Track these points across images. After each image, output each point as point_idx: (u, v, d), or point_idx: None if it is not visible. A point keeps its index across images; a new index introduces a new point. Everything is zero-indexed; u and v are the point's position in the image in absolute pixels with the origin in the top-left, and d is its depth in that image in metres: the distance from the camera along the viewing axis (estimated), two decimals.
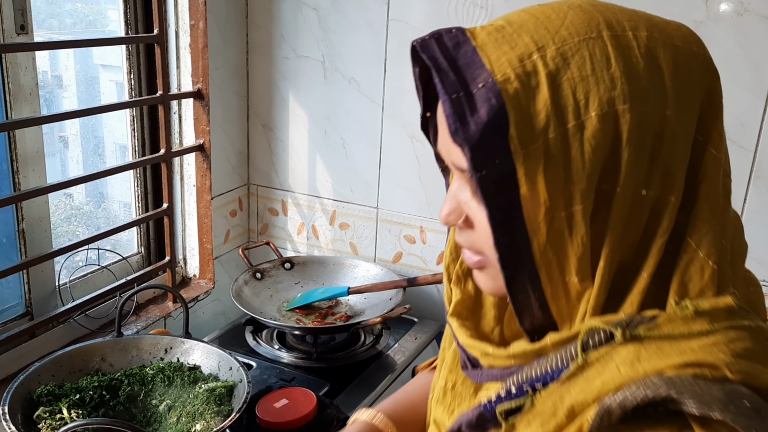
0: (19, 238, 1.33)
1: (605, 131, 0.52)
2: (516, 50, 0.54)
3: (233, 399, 1.12)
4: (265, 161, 1.81)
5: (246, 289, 1.59)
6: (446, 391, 0.71)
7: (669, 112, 0.53)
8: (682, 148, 0.54)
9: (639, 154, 0.53)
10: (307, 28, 1.66)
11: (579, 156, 0.52)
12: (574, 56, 0.53)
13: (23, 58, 1.26)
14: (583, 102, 0.53)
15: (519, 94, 0.53)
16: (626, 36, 0.54)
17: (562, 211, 0.53)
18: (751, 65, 1.30)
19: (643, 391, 0.48)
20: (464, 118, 0.53)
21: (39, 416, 1.03)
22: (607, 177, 0.53)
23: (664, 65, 0.54)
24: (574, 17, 0.55)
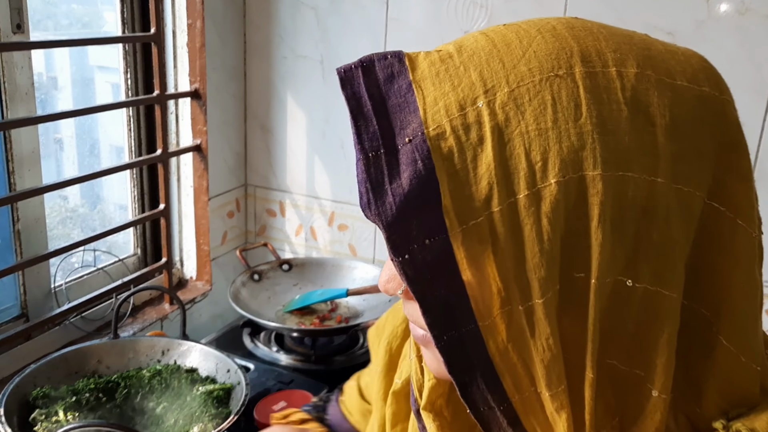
0: (15, 240, 1.31)
1: (569, 204, 0.40)
2: (458, 91, 0.41)
3: (231, 401, 1.11)
4: (263, 162, 1.80)
5: (244, 290, 1.58)
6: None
7: (661, 179, 0.40)
8: (680, 226, 0.41)
9: (617, 236, 0.40)
10: (306, 29, 1.65)
11: (534, 236, 0.40)
12: (532, 102, 0.40)
13: (19, 57, 1.25)
14: (540, 165, 0.40)
15: (454, 154, 0.40)
16: (607, 74, 0.41)
17: (519, 304, 0.41)
18: (753, 66, 1.30)
19: None
20: (381, 186, 0.41)
21: (35, 418, 1.02)
22: (578, 263, 0.40)
23: (656, 115, 0.41)
24: (540, 45, 0.42)
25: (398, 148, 0.42)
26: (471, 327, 0.42)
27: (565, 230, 0.40)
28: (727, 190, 0.42)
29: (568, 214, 0.40)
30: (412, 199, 0.41)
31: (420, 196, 0.41)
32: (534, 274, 0.40)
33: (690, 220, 0.42)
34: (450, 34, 1.50)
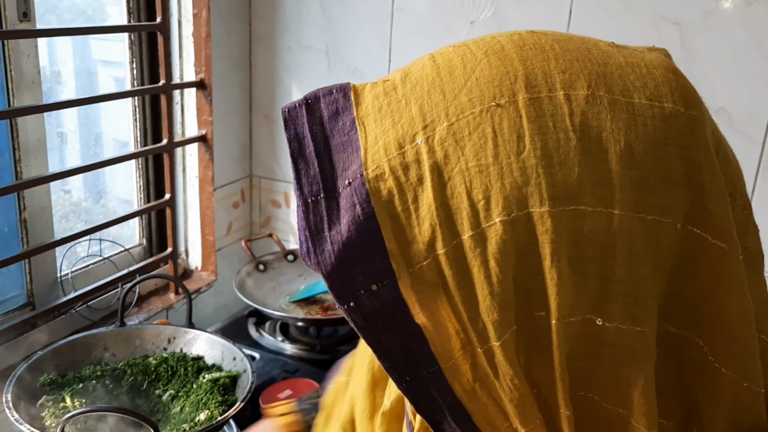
0: (21, 228, 1.31)
1: (518, 243, 0.37)
2: (398, 128, 0.40)
3: (237, 389, 1.11)
4: (268, 153, 1.80)
5: (249, 280, 1.58)
6: None
7: (618, 210, 0.37)
8: (648, 258, 0.38)
9: (578, 274, 0.38)
10: (311, 18, 1.65)
11: (483, 278, 0.38)
12: (472, 136, 0.38)
13: (25, 45, 1.25)
14: (483, 204, 0.38)
15: (394, 196, 0.39)
16: (554, 99, 0.38)
17: (478, 347, 0.39)
18: (760, 55, 1.29)
19: None
20: (320, 233, 0.40)
21: (42, 405, 1.02)
22: (537, 303, 0.38)
23: (609, 140, 0.38)
24: (484, 71, 0.39)
25: (339, 192, 0.40)
26: (433, 369, 0.41)
27: (518, 271, 0.38)
28: (706, 213, 0.38)
29: (518, 254, 0.38)
30: (351, 246, 0.39)
31: (360, 242, 0.39)
32: (487, 317, 0.38)
33: (659, 250, 0.38)
34: (456, 24, 1.50)
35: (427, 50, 0.62)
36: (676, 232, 0.38)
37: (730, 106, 1.30)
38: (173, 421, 1.06)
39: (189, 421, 1.04)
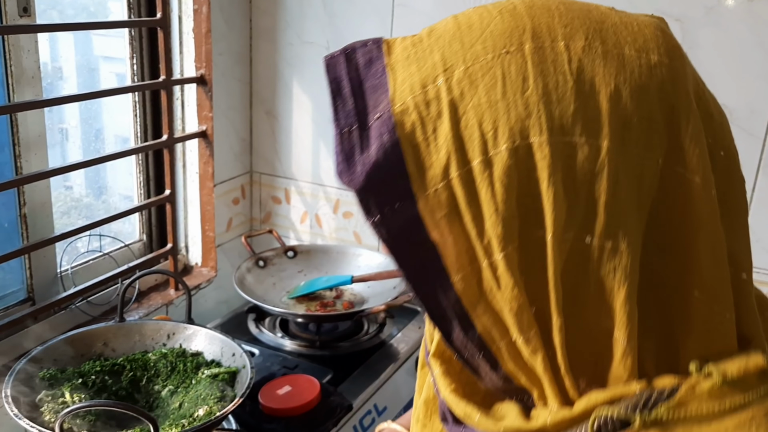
0: (21, 223, 1.31)
1: (519, 167, 0.44)
2: (422, 71, 0.46)
3: (236, 385, 1.11)
4: (269, 149, 1.80)
5: (249, 276, 1.58)
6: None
7: (605, 143, 0.43)
8: (632, 187, 0.44)
9: (570, 196, 0.43)
10: (312, 14, 1.65)
11: (490, 198, 0.44)
12: (484, 77, 0.44)
13: (26, 41, 1.25)
14: (491, 134, 0.44)
15: (416, 127, 0.45)
16: (555, 48, 0.45)
17: (485, 259, 0.45)
18: (763, 51, 1.29)
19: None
20: (351, 157, 0.46)
21: (41, 399, 1.02)
22: (535, 222, 0.44)
23: (601, 84, 0.44)
24: (498, 25, 0.46)
25: (369, 124, 0.46)
26: (444, 282, 0.47)
27: (519, 192, 0.44)
28: (682, 151, 0.44)
29: (520, 178, 0.44)
30: (378, 169, 0.45)
31: (386, 165, 0.45)
32: (493, 232, 0.44)
33: (641, 181, 0.44)
34: None
35: None
36: (657, 167, 0.44)
37: (732, 103, 1.30)
38: (172, 416, 1.06)
39: (188, 417, 1.03)
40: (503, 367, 0.49)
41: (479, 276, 0.46)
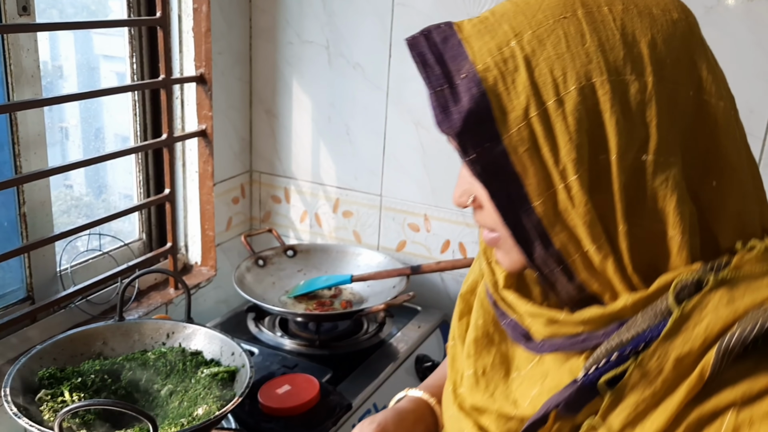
0: (21, 222, 1.31)
1: (586, 103, 0.55)
2: (496, 39, 0.58)
3: (235, 384, 1.11)
4: (268, 148, 1.80)
5: (248, 275, 1.58)
6: (477, 377, 0.71)
7: (650, 78, 0.55)
8: (672, 111, 0.56)
9: (626, 122, 0.55)
10: (312, 13, 1.65)
11: (564, 129, 0.55)
12: (550, 37, 0.56)
13: (25, 39, 1.25)
14: (561, 78, 0.55)
15: (498, 80, 0.56)
16: (601, 11, 0.57)
17: (561, 183, 0.56)
18: (762, 51, 1.29)
19: (761, 318, 0.51)
20: (447, 108, 0.57)
21: (41, 398, 1.02)
22: (600, 147, 0.55)
23: (640, 35, 0.56)
24: (551, 1, 0.58)
25: (456, 84, 0.58)
26: (527, 207, 0.58)
27: (587, 124, 0.55)
28: (707, 83, 0.57)
29: (587, 111, 0.55)
30: (470, 115, 0.56)
31: (477, 112, 0.56)
32: (567, 158, 0.55)
33: (677, 108, 0.56)
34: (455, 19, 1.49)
35: None
36: (689, 97, 0.57)
37: None
38: (171, 415, 1.06)
39: (187, 416, 1.03)
40: (578, 277, 0.59)
41: (555, 198, 0.57)
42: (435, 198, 1.64)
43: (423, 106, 1.58)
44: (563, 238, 0.58)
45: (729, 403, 0.53)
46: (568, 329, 0.60)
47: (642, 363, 0.55)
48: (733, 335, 0.52)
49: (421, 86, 0.66)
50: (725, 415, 0.53)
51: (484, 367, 0.71)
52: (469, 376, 0.72)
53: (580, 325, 0.59)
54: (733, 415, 0.52)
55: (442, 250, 1.67)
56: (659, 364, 0.54)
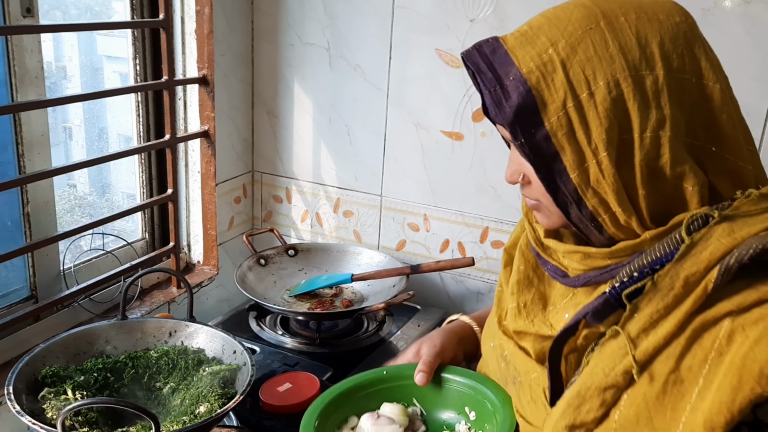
0: (24, 222, 1.33)
1: (612, 95, 0.69)
2: (536, 48, 0.72)
3: (237, 382, 1.12)
4: (270, 148, 1.81)
5: (250, 275, 1.59)
6: (519, 309, 0.87)
7: (661, 72, 0.70)
8: (681, 95, 0.70)
9: (645, 107, 0.69)
10: (313, 15, 1.66)
11: (595, 116, 0.69)
12: (580, 44, 0.70)
13: (29, 41, 1.26)
14: (592, 76, 0.70)
15: (540, 79, 0.71)
16: (619, 21, 0.71)
17: (593, 159, 0.70)
18: (759, 54, 1.30)
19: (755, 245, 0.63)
20: (501, 104, 0.72)
21: (44, 397, 1.03)
22: (625, 128, 0.70)
23: (651, 37, 0.70)
24: (577, 15, 0.72)
25: (506, 85, 0.72)
26: (566, 178, 0.72)
27: (614, 110, 0.69)
28: (705, 70, 0.72)
29: (614, 101, 0.69)
30: (519, 108, 0.71)
31: (524, 105, 0.71)
32: (599, 138, 0.70)
33: (684, 93, 0.71)
34: (456, 21, 1.51)
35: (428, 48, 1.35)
36: (693, 83, 0.71)
37: None
38: (173, 413, 1.07)
39: (189, 414, 1.05)
40: (607, 231, 0.74)
41: (588, 171, 0.71)
42: (434, 198, 1.65)
43: (423, 108, 1.59)
44: (594, 203, 0.72)
45: (726, 312, 0.64)
46: (599, 262, 0.74)
47: (657, 280, 0.67)
48: (732, 256, 0.63)
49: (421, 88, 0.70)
50: (723, 322, 0.64)
51: (525, 302, 0.87)
52: (512, 308, 0.88)
53: (608, 258, 0.73)
54: (729, 322, 0.64)
55: (441, 250, 1.68)
56: (671, 282, 0.66)
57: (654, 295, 0.67)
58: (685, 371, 0.65)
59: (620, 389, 0.69)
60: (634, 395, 0.68)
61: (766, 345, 0.61)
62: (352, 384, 1.04)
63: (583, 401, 0.71)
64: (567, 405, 0.73)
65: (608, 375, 0.69)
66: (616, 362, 0.69)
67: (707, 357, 0.64)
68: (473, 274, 1.67)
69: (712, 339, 0.64)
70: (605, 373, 0.70)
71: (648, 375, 0.67)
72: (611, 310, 0.72)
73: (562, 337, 0.77)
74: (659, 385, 0.66)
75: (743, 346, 0.62)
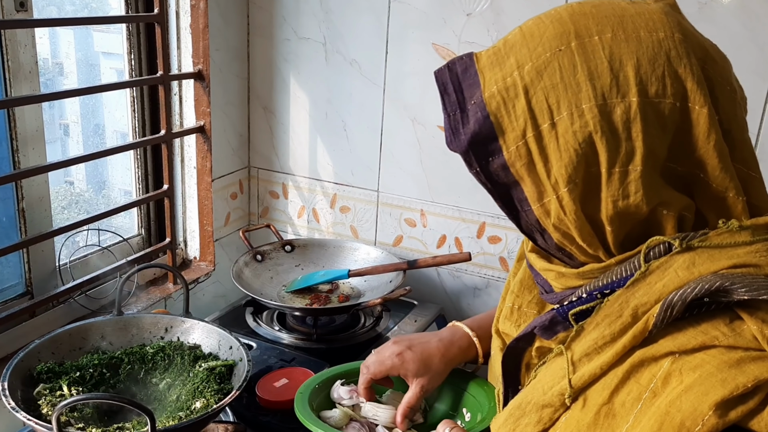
0: (19, 218, 1.32)
1: (575, 127, 0.63)
2: (503, 70, 0.67)
3: (233, 378, 1.12)
4: (266, 144, 1.81)
5: (246, 270, 1.59)
6: (513, 310, 0.86)
7: (634, 98, 0.62)
8: (660, 120, 0.63)
9: (614, 140, 0.63)
10: (309, 10, 1.65)
11: (556, 148, 0.64)
12: (547, 69, 0.64)
13: (23, 35, 1.26)
14: (555, 105, 0.64)
15: (501, 106, 0.66)
16: (592, 41, 0.64)
17: (553, 194, 0.66)
18: (756, 47, 1.29)
19: (702, 285, 0.58)
20: (457, 130, 0.68)
21: (39, 393, 1.03)
22: (592, 161, 0.64)
23: (626, 59, 0.63)
24: (550, 33, 0.66)
25: (467, 108, 0.68)
26: (527, 208, 0.69)
27: (578, 143, 0.63)
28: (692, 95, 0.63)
29: (577, 133, 0.63)
30: (476, 136, 0.67)
31: (481, 133, 0.67)
32: (558, 173, 0.64)
33: (664, 118, 0.63)
34: (452, 15, 1.50)
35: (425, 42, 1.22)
36: (676, 107, 0.63)
37: None
38: (169, 409, 1.07)
39: (185, 409, 1.04)
40: (577, 259, 0.70)
41: (549, 207, 0.66)
42: (431, 194, 1.65)
43: (419, 103, 1.59)
44: (558, 236, 0.68)
45: (668, 351, 0.60)
46: (572, 281, 0.71)
47: (606, 305, 0.65)
48: (677, 293, 0.59)
49: (417, 83, 0.70)
50: (664, 361, 0.60)
51: (521, 304, 0.85)
52: (507, 308, 0.87)
53: (580, 278, 0.70)
54: (669, 362, 0.60)
55: (438, 245, 1.68)
56: (620, 309, 0.63)
57: (602, 320, 0.64)
58: (618, 406, 0.61)
59: (557, 410, 0.67)
60: (569, 420, 0.65)
61: (695, 396, 0.56)
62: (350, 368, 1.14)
63: (523, 414, 0.70)
64: (509, 414, 0.71)
65: (546, 393, 0.67)
66: (555, 382, 0.67)
67: (641, 395, 0.60)
68: (470, 270, 1.67)
69: (650, 377, 0.60)
70: (543, 391, 0.68)
71: (583, 401, 0.64)
72: (560, 327, 0.70)
73: (514, 346, 0.78)
74: (591, 415, 0.63)
75: (674, 392, 0.57)
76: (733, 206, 0.65)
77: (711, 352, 0.58)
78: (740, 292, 0.56)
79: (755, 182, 0.67)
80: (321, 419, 1.03)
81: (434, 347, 1.06)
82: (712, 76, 0.65)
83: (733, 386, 0.55)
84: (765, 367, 0.55)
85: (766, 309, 0.57)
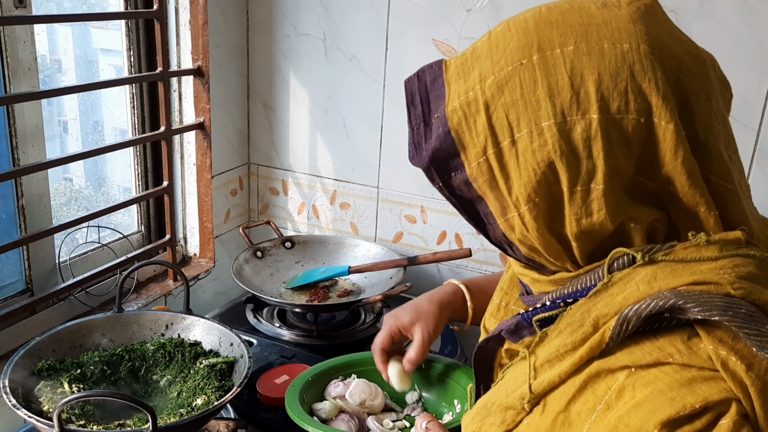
0: (19, 215, 1.32)
1: (534, 144, 0.62)
2: (466, 83, 0.65)
3: (234, 374, 1.12)
4: (266, 140, 1.80)
5: (247, 267, 1.59)
6: (499, 307, 0.86)
7: (595, 115, 0.60)
8: (623, 136, 0.61)
9: (574, 158, 0.61)
10: (308, 6, 1.65)
11: (516, 166, 0.63)
12: (508, 83, 0.63)
13: (22, 32, 1.25)
14: (516, 122, 0.62)
15: (462, 121, 0.64)
16: (554, 55, 0.62)
17: (515, 211, 0.65)
18: (756, 43, 1.29)
19: (656, 302, 0.57)
20: (420, 145, 0.67)
21: (40, 390, 1.03)
22: (554, 179, 0.62)
23: (587, 75, 0.61)
24: (514, 44, 0.64)
25: (431, 122, 0.66)
26: (493, 222, 0.68)
27: (538, 161, 0.62)
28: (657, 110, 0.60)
29: (535, 152, 0.62)
30: (437, 151, 0.66)
31: (442, 149, 0.66)
32: (519, 191, 0.63)
33: (627, 135, 0.61)
34: (452, 11, 1.50)
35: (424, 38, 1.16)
36: (640, 123, 0.60)
37: None
38: (170, 406, 1.07)
39: (186, 406, 1.04)
40: (549, 268, 0.69)
41: (513, 223, 0.66)
42: (431, 190, 1.64)
43: None
44: (526, 250, 0.68)
45: (624, 365, 0.59)
46: (545, 287, 0.70)
47: (568, 313, 0.65)
48: (633, 308, 0.58)
49: None
50: (620, 374, 0.59)
51: (508, 302, 0.85)
52: (494, 305, 0.87)
53: (552, 284, 0.69)
54: (624, 376, 0.59)
55: (438, 242, 1.68)
56: (582, 319, 0.62)
57: (564, 328, 0.64)
58: (574, 415, 0.61)
59: (519, 413, 0.67)
60: (530, 423, 0.65)
61: (643, 413, 0.55)
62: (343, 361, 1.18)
63: (489, 414, 0.70)
64: (476, 413, 0.72)
65: (509, 396, 0.68)
66: (518, 386, 0.67)
67: (596, 407, 0.60)
68: (470, 266, 1.67)
69: (605, 389, 0.60)
70: (507, 393, 0.68)
71: (543, 406, 0.64)
72: (526, 332, 0.71)
73: (483, 347, 0.79)
74: (549, 422, 0.63)
75: (625, 407, 0.57)
76: (706, 221, 0.62)
77: (665, 369, 0.57)
78: (694, 312, 0.55)
79: (732, 195, 0.64)
80: (312, 411, 1.07)
81: (420, 297, 1.14)
82: (687, 86, 0.62)
83: (681, 406, 0.54)
84: (716, 388, 0.54)
85: (725, 328, 0.55)
